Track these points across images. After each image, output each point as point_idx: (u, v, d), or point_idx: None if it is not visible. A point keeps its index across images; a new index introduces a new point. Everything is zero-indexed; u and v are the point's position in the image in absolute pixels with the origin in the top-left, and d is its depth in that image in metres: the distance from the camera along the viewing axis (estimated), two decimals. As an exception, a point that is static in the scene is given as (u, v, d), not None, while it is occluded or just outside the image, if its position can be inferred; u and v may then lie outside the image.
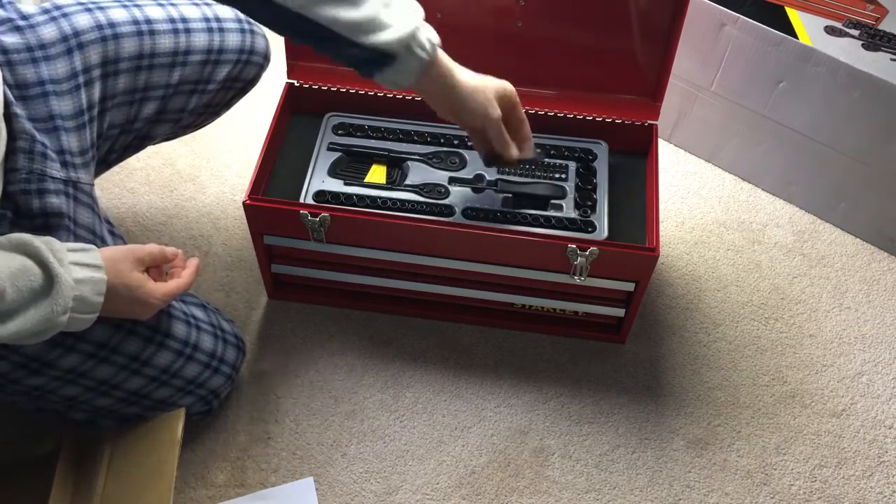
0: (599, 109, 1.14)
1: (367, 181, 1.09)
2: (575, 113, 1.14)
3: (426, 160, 1.12)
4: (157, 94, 0.99)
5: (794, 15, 1.22)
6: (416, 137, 1.14)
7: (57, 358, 0.84)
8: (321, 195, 1.07)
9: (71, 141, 0.88)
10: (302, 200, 1.07)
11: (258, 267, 1.16)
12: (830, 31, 1.20)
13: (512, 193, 1.08)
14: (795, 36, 1.18)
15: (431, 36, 0.85)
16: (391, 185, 1.09)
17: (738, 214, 1.34)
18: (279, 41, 1.10)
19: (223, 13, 1.03)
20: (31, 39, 0.87)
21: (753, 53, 1.22)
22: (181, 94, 1.01)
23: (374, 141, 1.14)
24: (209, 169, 1.37)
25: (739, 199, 1.36)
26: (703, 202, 1.36)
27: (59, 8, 0.92)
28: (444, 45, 0.89)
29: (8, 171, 0.80)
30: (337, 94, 1.16)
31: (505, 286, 1.10)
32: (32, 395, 0.88)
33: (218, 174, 1.36)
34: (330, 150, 1.13)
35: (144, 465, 0.93)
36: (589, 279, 1.03)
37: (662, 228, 1.31)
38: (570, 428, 1.10)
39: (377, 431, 1.09)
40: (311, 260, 1.12)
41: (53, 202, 0.83)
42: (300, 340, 1.17)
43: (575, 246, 0.98)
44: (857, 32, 1.19)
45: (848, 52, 1.16)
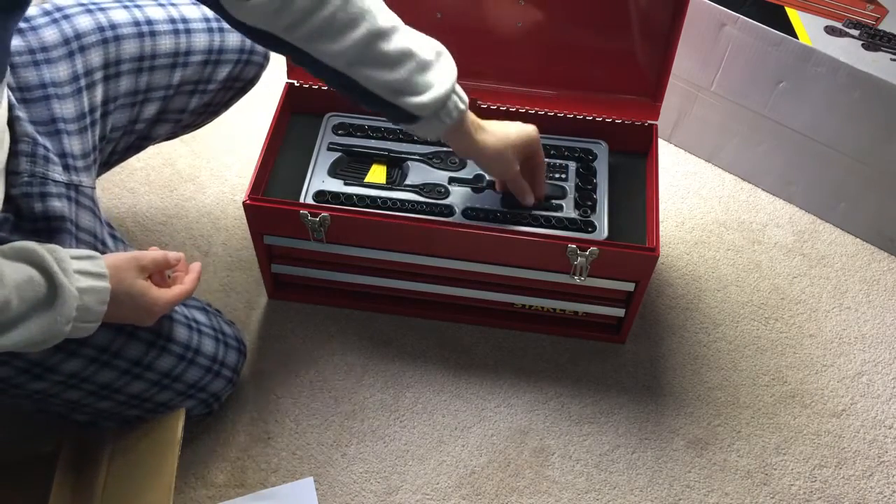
0: (599, 109, 1.14)
1: (367, 181, 1.09)
2: (575, 113, 1.14)
3: (426, 160, 1.12)
4: (158, 94, 0.99)
5: (794, 15, 1.22)
6: (416, 137, 1.14)
7: (59, 363, 0.84)
8: (321, 195, 1.07)
9: (73, 144, 0.88)
10: (302, 200, 1.07)
11: (258, 267, 1.16)
12: (830, 31, 1.20)
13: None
14: (795, 36, 1.18)
15: (459, 102, 0.89)
16: (391, 185, 1.09)
17: (738, 214, 1.34)
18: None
19: None
20: (32, 42, 0.87)
21: (753, 53, 1.22)
22: (182, 94, 1.01)
23: (374, 141, 1.14)
24: (209, 169, 1.37)
25: (739, 199, 1.36)
26: (703, 202, 1.36)
27: (60, 10, 0.91)
28: (444, 45, 0.89)
29: (10, 174, 0.80)
30: (337, 94, 1.16)
31: (505, 286, 1.10)
32: (34, 398, 0.88)
33: (218, 174, 1.36)
34: (330, 150, 1.13)
35: (144, 465, 0.93)
36: (589, 279, 1.03)
37: (662, 228, 1.31)
38: (570, 428, 1.10)
39: (377, 431, 1.09)
40: (311, 260, 1.12)
41: (55, 206, 0.82)
42: (300, 340, 1.17)
43: (575, 246, 0.98)
44: (857, 32, 1.19)
45: (848, 52, 1.16)
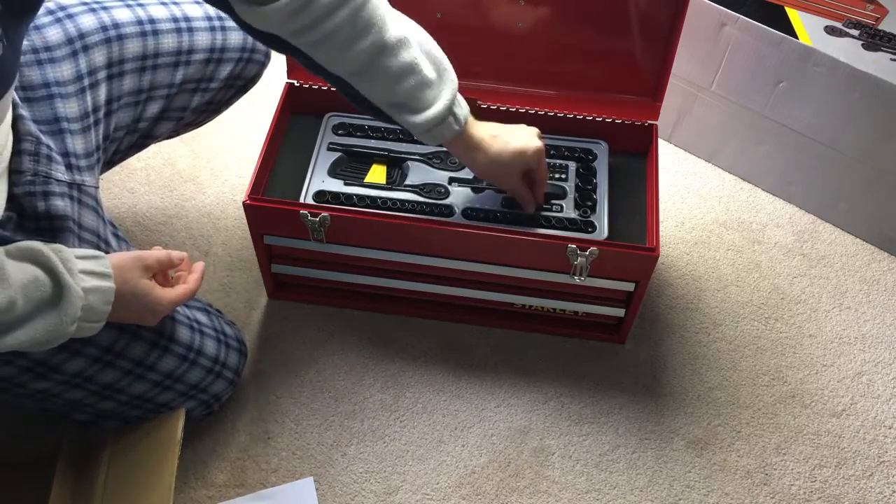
0: (599, 109, 1.14)
1: (367, 181, 1.09)
2: (575, 113, 1.14)
3: (426, 160, 1.12)
4: (161, 93, 0.99)
5: (794, 15, 1.22)
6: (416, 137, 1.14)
7: (62, 362, 0.84)
8: (321, 195, 1.07)
9: (76, 143, 0.88)
10: (302, 200, 1.07)
11: (258, 267, 1.16)
12: (830, 31, 1.20)
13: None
14: (795, 36, 1.18)
15: (454, 123, 0.90)
16: (391, 185, 1.09)
17: (738, 214, 1.34)
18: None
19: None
20: (36, 41, 0.87)
21: (753, 53, 1.22)
22: (185, 92, 1.02)
23: (374, 141, 1.14)
24: (209, 169, 1.37)
25: (739, 199, 1.36)
26: (703, 202, 1.36)
27: (63, 8, 0.92)
28: (444, 45, 0.89)
29: (13, 172, 0.80)
30: (337, 94, 1.15)
31: (505, 286, 1.10)
32: (37, 397, 0.88)
33: (218, 174, 1.36)
34: (330, 150, 1.13)
35: (144, 465, 0.93)
36: (589, 279, 1.03)
37: (662, 228, 1.31)
38: (570, 428, 1.10)
39: (377, 431, 1.09)
40: (311, 260, 1.12)
41: (58, 205, 0.83)
42: (300, 340, 1.17)
43: (575, 246, 0.98)
44: (857, 32, 1.19)
45: (848, 52, 1.16)
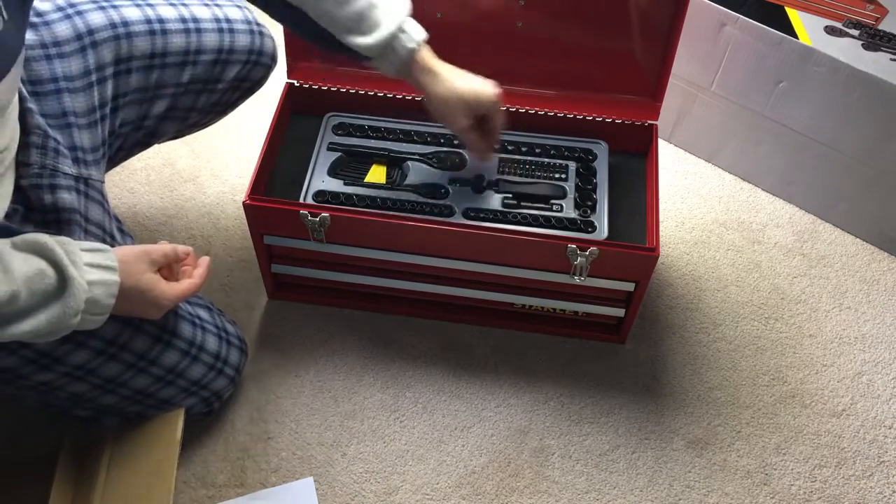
0: (599, 109, 1.14)
1: (367, 181, 1.09)
2: (575, 113, 1.14)
3: (426, 160, 1.12)
4: (168, 92, 1.00)
5: (794, 15, 1.22)
6: (416, 137, 1.14)
7: (66, 354, 0.85)
8: (321, 195, 1.07)
9: (83, 138, 0.89)
10: (302, 200, 1.07)
11: (258, 267, 1.16)
12: (830, 31, 1.20)
13: (512, 193, 1.08)
14: (795, 36, 1.18)
15: (407, 41, 0.90)
16: (391, 185, 1.09)
17: (738, 214, 1.34)
18: (281, 43, 1.10)
19: (233, 14, 1.04)
20: (45, 36, 0.88)
21: (753, 53, 1.22)
22: (191, 92, 1.02)
23: (374, 141, 1.14)
24: (209, 169, 1.37)
25: (739, 199, 1.36)
26: (703, 202, 1.36)
27: (73, 6, 0.93)
28: (444, 45, 0.90)
29: (20, 165, 0.81)
30: (337, 94, 1.16)
31: (505, 286, 1.10)
32: (40, 390, 0.88)
33: (218, 174, 1.36)
34: (330, 150, 1.13)
35: (144, 465, 0.93)
36: (589, 279, 1.03)
37: (662, 228, 1.31)
38: (570, 428, 1.10)
39: (377, 431, 1.09)
40: (311, 260, 1.12)
41: (65, 198, 0.84)
42: (300, 340, 1.17)
43: (575, 246, 0.98)
44: (857, 32, 1.19)
45: (848, 52, 1.16)
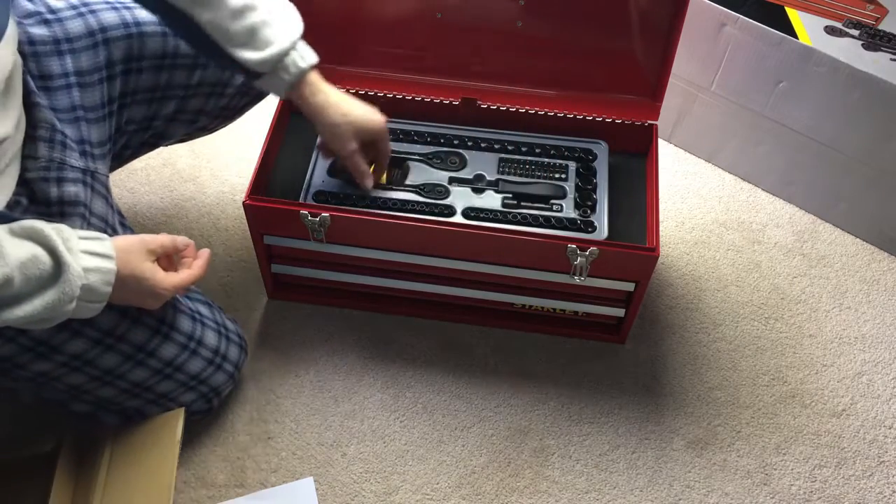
0: (599, 109, 1.14)
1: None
2: (575, 113, 1.14)
3: (426, 160, 1.12)
4: (176, 93, 1.01)
5: (794, 15, 1.22)
6: (416, 137, 1.14)
7: (63, 342, 0.85)
8: (321, 195, 1.07)
9: (91, 132, 0.90)
10: (302, 200, 1.07)
11: (258, 267, 1.16)
12: (830, 31, 1.20)
13: (512, 193, 1.08)
14: (795, 36, 1.18)
15: (300, 60, 0.90)
16: (391, 185, 1.09)
17: (738, 214, 1.34)
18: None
19: None
20: (57, 32, 0.89)
21: (753, 53, 1.22)
22: (200, 95, 1.03)
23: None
24: (209, 169, 1.37)
25: (739, 199, 1.36)
26: (703, 202, 1.36)
27: (86, 4, 0.94)
28: (444, 45, 0.89)
29: (27, 157, 0.81)
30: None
31: (505, 286, 1.10)
32: (37, 381, 0.88)
33: (218, 174, 1.36)
34: (330, 150, 1.13)
35: (144, 464, 0.93)
36: (589, 279, 1.03)
37: (662, 228, 1.31)
38: (570, 428, 1.10)
39: (377, 431, 1.09)
40: (311, 260, 1.12)
41: (71, 190, 0.84)
42: (300, 340, 1.17)
43: (575, 246, 0.98)
44: (857, 32, 1.19)
45: (848, 52, 1.16)
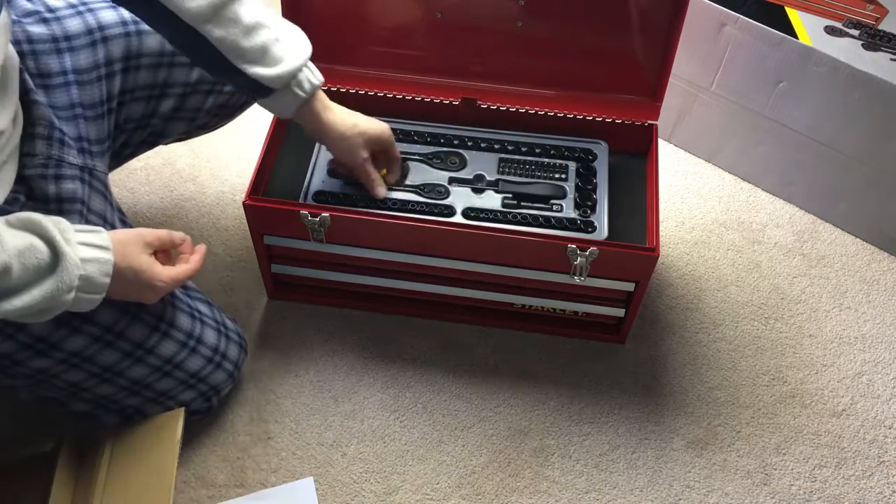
0: (599, 109, 1.14)
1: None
2: (575, 113, 1.14)
3: (426, 160, 1.12)
4: (175, 91, 1.01)
5: (794, 15, 1.22)
6: (416, 137, 1.14)
7: (62, 339, 0.85)
8: (321, 195, 1.07)
9: (90, 129, 0.90)
10: (302, 200, 1.07)
11: (258, 267, 1.16)
12: (830, 31, 1.20)
13: (512, 193, 1.08)
14: (795, 36, 1.18)
15: (312, 77, 0.91)
16: (391, 185, 1.09)
17: (738, 214, 1.34)
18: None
19: None
20: (56, 30, 0.89)
21: (753, 53, 1.22)
22: (198, 93, 1.03)
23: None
24: (209, 169, 1.37)
25: (739, 199, 1.36)
26: (703, 202, 1.36)
27: (84, 3, 0.94)
28: (444, 45, 0.90)
29: (25, 155, 0.82)
30: (337, 94, 1.16)
31: (505, 286, 1.10)
32: (36, 378, 0.88)
33: (218, 174, 1.36)
34: (330, 150, 1.13)
35: (144, 464, 0.93)
36: (589, 279, 1.03)
37: (662, 228, 1.31)
38: (570, 428, 1.10)
39: (377, 431, 1.09)
40: (311, 260, 1.12)
41: (69, 187, 0.84)
42: (300, 340, 1.17)
43: (575, 246, 0.98)
44: (857, 32, 1.19)
45: (848, 52, 1.16)
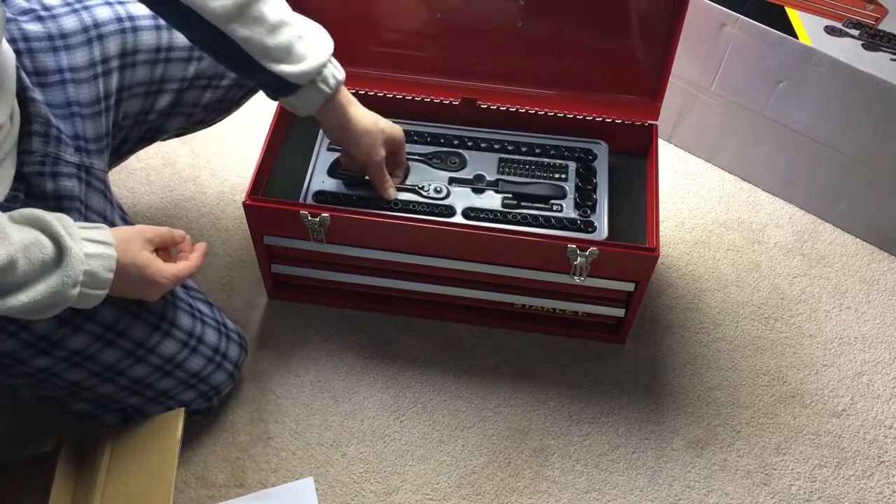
0: (599, 109, 1.14)
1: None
2: (575, 113, 1.14)
3: (426, 160, 1.12)
4: (172, 86, 1.01)
5: (794, 15, 1.22)
6: (416, 137, 1.14)
7: (64, 337, 0.85)
8: (321, 195, 1.07)
9: (86, 128, 0.90)
10: (302, 200, 1.07)
11: (258, 267, 1.16)
12: (830, 31, 1.20)
13: (512, 193, 1.08)
14: (795, 36, 1.18)
15: (337, 73, 0.91)
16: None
17: (738, 214, 1.34)
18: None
19: None
20: (52, 28, 0.90)
21: (753, 53, 1.22)
22: (196, 88, 1.03)
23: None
24: (209, 169, 1.37)
25: (739, 199, 1.36)
26: (703, 202, 1.36)
27: (80, 0, 0.94)
28: (444, 45, 0.90)
29: (23, 152, 0.82)
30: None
31: (505, 286, 1.10)
32: (38, 377, 0.88)
33: (218, 174, 1.36)
34: (330, 150, 1.13)
35: (144, 464, 0.93)
36: (589, 279, 1.03)
37: (662, 228, 1.31)
38: (570, 428, 1.10)
39: (377, 431, 1.09)
40: (311, 260, 1.12)
41: (66, 185, 0.85)
42: (300, 340, 1.17)
43: (575, 246, 0.98)
44: (857, 32, 1.19)
45: (848, 52, 1.16)
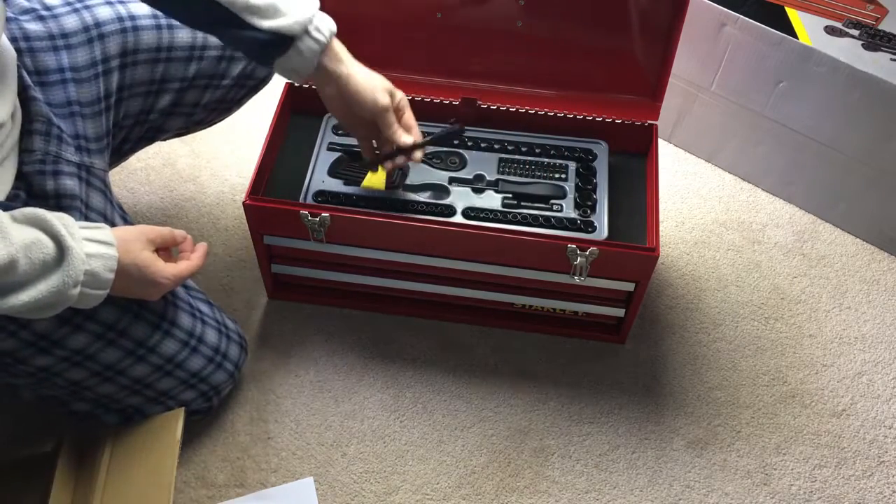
0: (599, 109, 1.14)
1: (364, 185, 1.09)
2: (575, 113, 1.14)
3: (426, 160, 1.12)
4: (172, 86, 1.01)
5: (794, 15, 1.22)
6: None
7: (64, 337, 0.85)
8: (321, 195, 1.07)
9: (87, 127, 0.91)
10: (302, 200, 1.07)
11: (258, 267, 1.16)
12: (830, 31, 1.20)
13: (512, 193, 1.08)
14: (795, 36, 1.18)
15: (329, 23, 0.87)
16: (391, 186, 1.09)
17: (738, 214, 1.34)
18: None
19: None
20: (53, 28, 0.90)
21: (753, 53, 1.22)
22: (196, 87, 1.03)
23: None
24: (209, 169, 1.37)
25: (739, 199, 1.36)
26: (703, 202, 1.36)
27: (81, 0, 0.94)
28: (444, 45, 0.89)
29: (23, 151, 0.82)
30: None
31: (505, 286, 1.10)
32: (38, 376, 0.88)
33: (218, 174, 1.36)
34: (330, 150, 1.13)
35: (144, 464, 0.93)
36: (589, 279, 1.03)
37: (662, 228, 1.31)
38: (570, 428, 1.10)
39: (377, 431, 1.09)
40: (311, 260, 1.12)
41: (67, 184, 0.85)
42: (300, 340, 1.17)
43: (575, 246, 0.98)
44: (857, 32, 1.19)
45: (848, 52, 1.16)
